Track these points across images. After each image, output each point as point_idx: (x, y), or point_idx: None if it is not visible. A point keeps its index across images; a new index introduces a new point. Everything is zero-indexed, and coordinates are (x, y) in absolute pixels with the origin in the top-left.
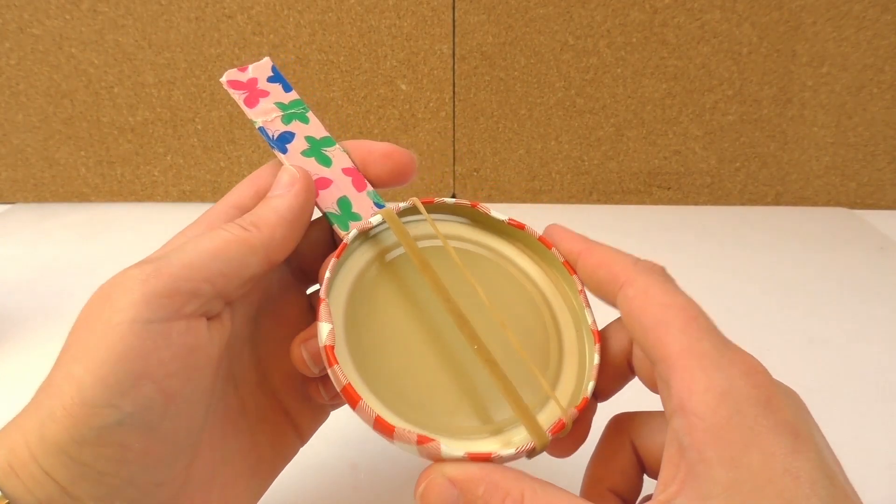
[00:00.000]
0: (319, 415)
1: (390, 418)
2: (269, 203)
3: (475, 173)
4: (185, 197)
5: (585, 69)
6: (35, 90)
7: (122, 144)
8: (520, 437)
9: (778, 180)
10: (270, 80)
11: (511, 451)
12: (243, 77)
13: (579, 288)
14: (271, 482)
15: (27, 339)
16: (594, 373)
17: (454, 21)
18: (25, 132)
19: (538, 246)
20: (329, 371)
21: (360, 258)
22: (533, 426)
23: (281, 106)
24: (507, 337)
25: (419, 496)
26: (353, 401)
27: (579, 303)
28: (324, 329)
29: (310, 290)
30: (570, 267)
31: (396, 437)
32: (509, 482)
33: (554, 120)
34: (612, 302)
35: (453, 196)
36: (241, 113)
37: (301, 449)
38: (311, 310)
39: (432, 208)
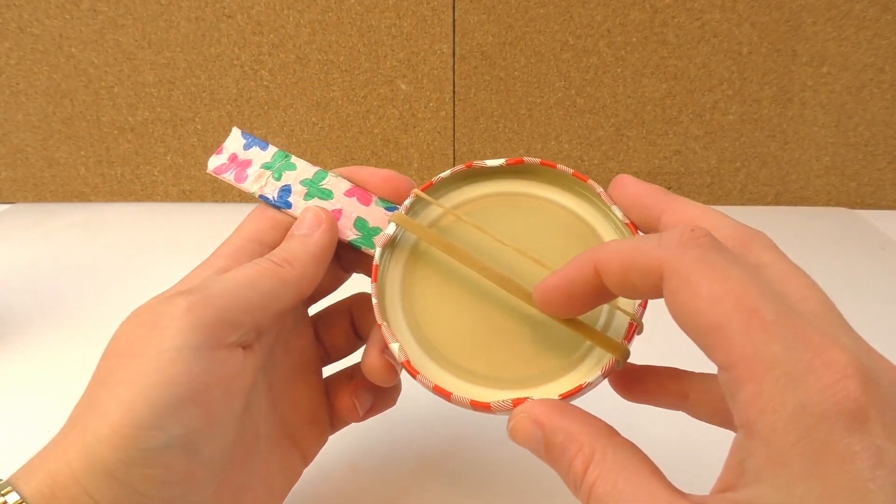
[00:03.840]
0: (322, 439)
1: (482, 397)
2: (300, 241)
3: None
4: (185, 197)
5: (585, 69)
6: (35, 90)
7: (121, 144)
8: (602, 364)
9: (778, 180)
10: (246, 147)
11: (598, 373)
12: (223, 158)
13: (598, 191)
14: None
15: (27, 339)
16: None
17: (454, 21)
18: (25, 132)
19: (542, 170)
20: (416, 379)
21: (396, 268)
22: (606, 342)
23: (267, 166)
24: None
25: (510, 430)
26: (446, 396)
27: (605, 204)
28: (394, 349)
29: (312, 312)
30: (581, 175)
31: (495, 410)
32: (585, 437)
33: (554, 120)
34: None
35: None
36: (241, 113)
37: None
38: (317, 339)
39: (434, 189)
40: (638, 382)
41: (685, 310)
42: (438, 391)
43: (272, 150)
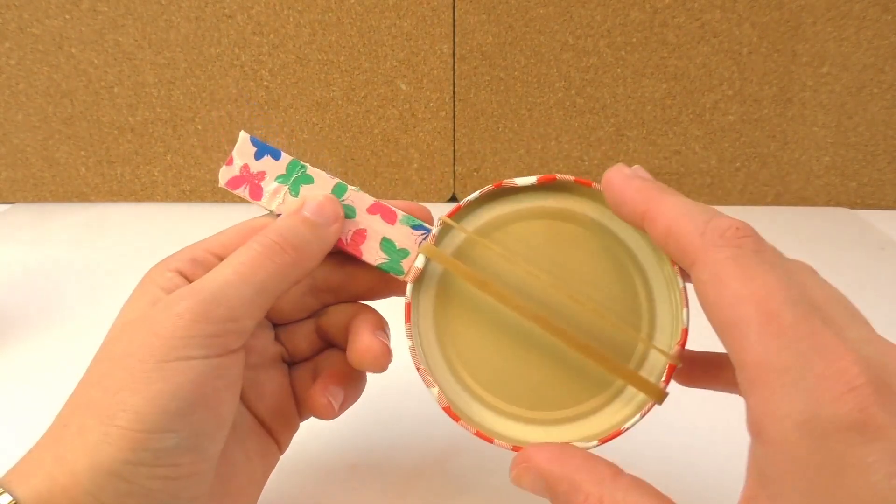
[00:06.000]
0: (293, 426)
1: (523, 439)
2: (312, 230)
3: (475, 173)
4: (185, 197)
5: (585, 69)
6: (35, 90)
7: (122, 144)
8: (637, 401)
9: (778, 180)
10: (258, 155)
11: (636, 417)
12: (235, 170)
13: None
14: (261, 492)
15: (27, 339)
16: (684, 299)
17: (454, 21)
18: (25, 132)
19: (579, 188)
20: (458, 425)
21: (426, 303)
22: (643, 384)
23: (282, 179)
24: (590, 311)
25: (513, 479)
26: (489, 440)
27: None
28: (433, 394)
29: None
30: None
31: None
32: (590, 485)
33: (554, 120)
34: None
35: (453, 196)
36: (241, 113)
37: (302, 449)
38: (277, 340)
39: (463, 213)
40: (691, 369)
41: (710, 304)
42: (480, 436)
43: (286, 159)
